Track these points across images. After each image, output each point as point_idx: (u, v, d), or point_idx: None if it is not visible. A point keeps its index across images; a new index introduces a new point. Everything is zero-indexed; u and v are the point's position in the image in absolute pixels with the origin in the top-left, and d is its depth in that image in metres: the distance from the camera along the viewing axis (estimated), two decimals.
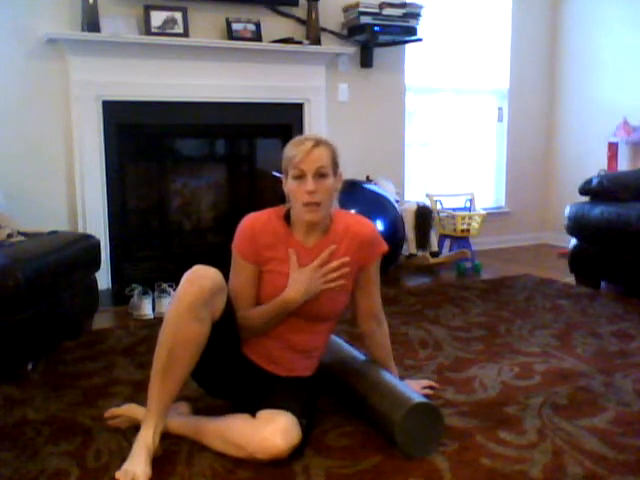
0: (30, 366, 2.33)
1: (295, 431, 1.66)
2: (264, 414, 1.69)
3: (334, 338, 2.26)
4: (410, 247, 4.18)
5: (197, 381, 1.89)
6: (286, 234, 1.84)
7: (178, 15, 3.67)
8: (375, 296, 1.95)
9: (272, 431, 1.63)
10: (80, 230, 3.54)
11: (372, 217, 3.51)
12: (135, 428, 1.75)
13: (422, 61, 4.61)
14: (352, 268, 1.84)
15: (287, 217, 1.86)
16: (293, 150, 1.77)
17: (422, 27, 4.23)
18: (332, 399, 2.06)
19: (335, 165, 1.82)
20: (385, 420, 1.77)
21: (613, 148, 4.51)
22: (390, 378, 1.92)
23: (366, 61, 4.30)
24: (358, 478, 1.62)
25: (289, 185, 1.79)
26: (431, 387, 2.13)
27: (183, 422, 1.82)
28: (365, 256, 1.87)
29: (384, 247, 1.90)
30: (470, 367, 2.38)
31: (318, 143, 1.78)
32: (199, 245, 4.12)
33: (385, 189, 3.92)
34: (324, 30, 4.12)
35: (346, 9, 4.15)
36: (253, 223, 1.84)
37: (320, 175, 1.75)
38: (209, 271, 1.69)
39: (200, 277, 1.66)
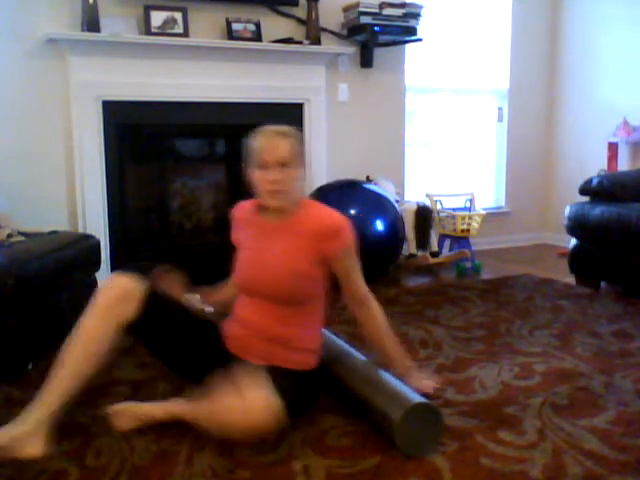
0: (30, 366, 2.33)
1: (272, 399, 1.69)
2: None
3: (333, 338, 2.26)
4: (410, 247, 4.18)
5: (181, 374, 2.04)
6: (254, 215, 1.99)
7: (178, 15, 3.67)
8: (356, 283, 1.98)
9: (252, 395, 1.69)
10: (80, 230, 3.54)
11: (372, 217, 3.53)
12: (138, 431, 1.76)
13: (422, 61, 4.61)
14: (310, 255, 1.88)
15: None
16: (257, 141, 1.88)
17: (422, 27, 4.23)
18: (332, 399, 2.06)
19: (299, 155, 1.91)
20: (384, 420, 1.77)
21: (613, 148, 4.51)
22: (390, 378, 1.92)
23: (366, 61, 4.30)
24: (358, 478, 1.62)
25: (254, 174, 1.89)
26: (435, 388, 2.11)
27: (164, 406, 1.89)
28: (328, 246, 1.88)
29: (346, 239, 1.90)
30: (470, 367, 2.38)
31: (281, 134, 1.87)
32: (199, 245, 4.12)
33: (385, 189, 3.92)
34: (324, 30, 4.13)
35: (346, 9, 4.15)
36: (234, 210, 2.09)
37: (283, 165, 1.84)
38: (121, 279, 1.85)
39: (112, 286, 1.84)
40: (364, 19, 4.03)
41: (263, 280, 1.91)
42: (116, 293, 1.81)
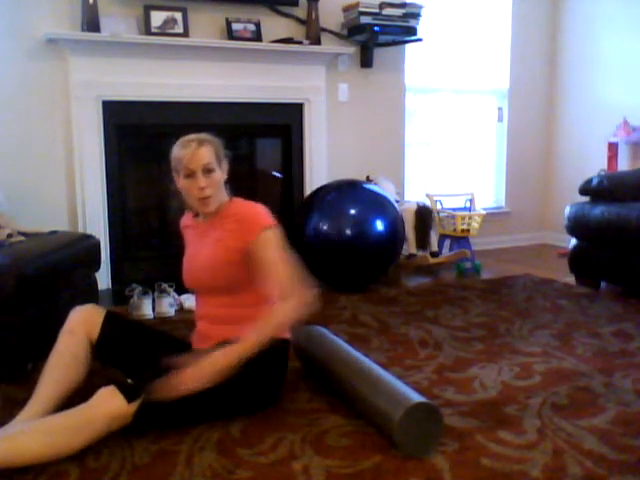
0: (30, 366, 2.33)
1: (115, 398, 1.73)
2: None
3: (333, 337, 2.25)
4: (410, 247, 4.18)
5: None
6: (192, 220, 2.16)
7: (178, 15, 3.67)
8: (267, 269, 1.92)
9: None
10: (80, 230, 3.54)
11: (372, 217, 3.53)
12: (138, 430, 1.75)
13: (422, 61, 4.61)
14: (234, 244, 1.96)
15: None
16: (181, 152, 1.98)
17: (422, 27, 4.23)
18: (332, 398, 2.06)
19: (220, 159, 2.05)
20: (384, 420, 1.77)
21: (613, 148, 4.51)
22: (390, 378, 1.92)
23: (366, 61, 4.31)
24: (358, 478, 1.62)
25: (181, 183, 2.00)
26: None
27: None
28: (246, 232, 1.96)
29: (262, 223, 1.97)
30: (470, 367, 2.38)
31: (202, 142, 2.00)
32: None
33: (385, 189, 3.92)
34: (324, 30, 4.13)
35: (346, 9, 4.15)
36: (181, 221, 2.23)
37: (208, 171, 1.97)
38: (83, 308, 2.03)
39: (77, 312, 2.01)
40: (364, 19, 4.03)
41: (196, 273, 2.06)
42: (81, 316, 2.01)
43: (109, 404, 1.72)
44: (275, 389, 2.03)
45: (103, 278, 3.50)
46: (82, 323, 2.00)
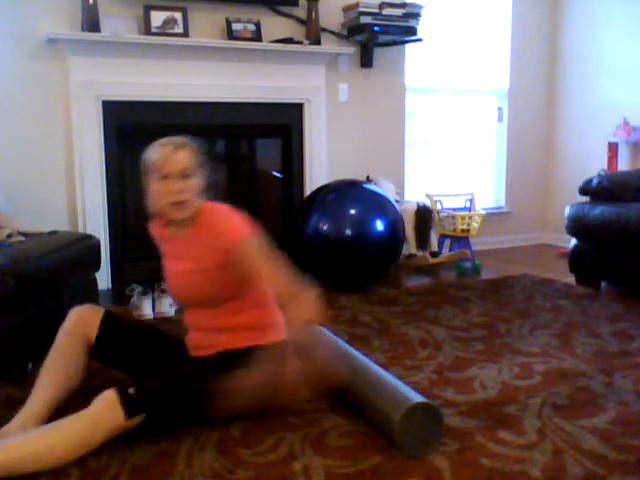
0: (30, 366, 2.33)
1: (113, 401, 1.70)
2: None
3: (334, 338, 2.25)
4: (410, 247, 4.18)
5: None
6: (163, 230, 2.02)
7: (178, 15, 3.67)
8: (274, 279, 1.83)
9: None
10: (80, 230, 3.54)
11: (372, 217, 3.53)
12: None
13: (422, 61, 4.61)
14: (216, 255, 1.87)
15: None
16: (155, 154, 1.87)
17: (422, 27, 4.23)
18: (332, 398, 2.06)
19: (197, 165, 1.92)
20: (384, 420, 1.77)
21: (613, 148, 4.51)
22: (390, 378, 1.92)
23: (366, 61, 4.31)
24: (358, 478, 1.62)
25: (154, 187, 1.88)
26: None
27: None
28: (225, 246, 1.85)
29: (240, 236, 1.85)
30: (470, 367, 2.38)
31: (179, 146, 1.88)
32: None
33: (385, 189, 3.92)
34: (324, 30, 4.13)
35: (346, 9, 4.15)
36: (150, 228, 2.09)
37: (184, 176, 1.86)
38: (81, 308, 2.01)
39: (74, 312, 2.00)
40: (364, 19, 4.03)
41: (185, 291, 2.00)
42: (79, 317, 1.99)
43: (108, 420, 1.68)
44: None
45: (103, 278, 3.50)
46: (79, 323, 1.98)
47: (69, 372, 1.92)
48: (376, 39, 4.15)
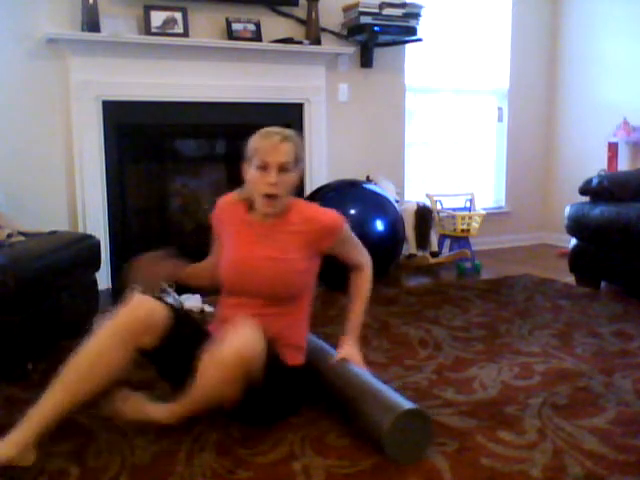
0: (30, 366, 2.33)
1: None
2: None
3: (322, 343, 2.22)
4: (410, 247, 4.18)
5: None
6: (242, 212, 1.98)
7: (178, 15, 3.67)
8: (352, 253, 2.10)
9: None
10: (80, 230, 3.54)
11: (372, 217, 3.53)
12: (138, 430, 1.75)
13: (422, 61, 4.61)
14: (306, 253, 1.93)
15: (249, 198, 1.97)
16: (260, 142, 1.86)
17: (422, 27, 4.23)
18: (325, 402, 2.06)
19: (297, 160, 1.91)
20: (372, 432, 1.73)
21: (613, 148, 4.51)
22: (379, 385, 1.87)
23: (366, 61, 4.30)
24: (358, 478, 1.62)
25: (251, 174, 1.88)
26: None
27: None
28: (325, 243, 1.95)
29: (342, 232, 1.99)
30: (470, 367, 2.38)
31: (285, 138, 1.86)
32: (199, 245, 4.11)
33: (385, 189, 3.92)
34: (324, 30, 4.12)
35: (346, 9, 4.15)
36: (220, 201, 2.07)
37: (283, 169, 1.84)
38: (147, 303, 1.77)
39: (136, 307, 1.74)
40: (364, 19, 4.03)
41: (257, 282, 1.91)
42: (140, 318, 1.72)
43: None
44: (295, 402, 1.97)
45: (103, 278, 3.50)
46: (137, 327, 1.71)
47: (97, 380, 1.68)
48: (376, 39, 4.15)
